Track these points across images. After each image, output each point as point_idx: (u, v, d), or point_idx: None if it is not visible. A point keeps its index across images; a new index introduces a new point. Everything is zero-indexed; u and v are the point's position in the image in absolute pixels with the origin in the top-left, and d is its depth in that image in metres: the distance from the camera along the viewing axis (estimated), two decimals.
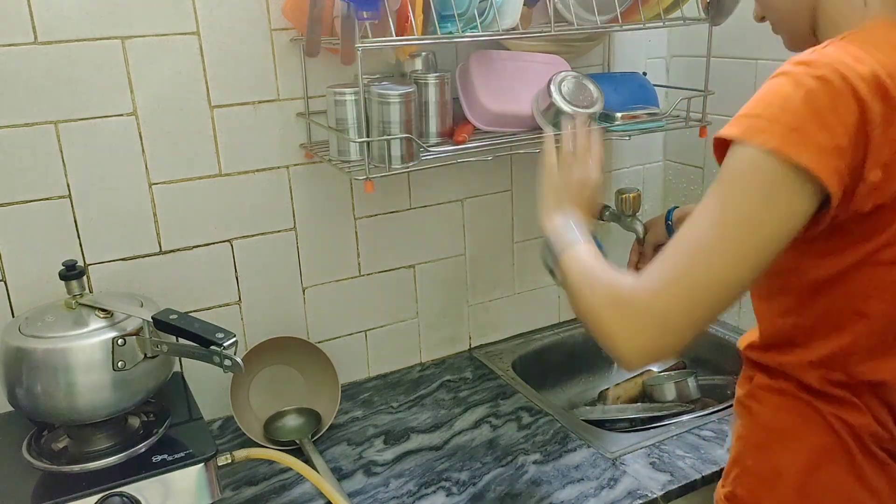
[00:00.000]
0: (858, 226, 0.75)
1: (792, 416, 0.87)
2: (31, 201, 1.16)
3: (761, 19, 0.92)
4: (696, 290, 0.72)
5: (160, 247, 1.26)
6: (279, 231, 1.36)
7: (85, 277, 1.04)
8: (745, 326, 1.60)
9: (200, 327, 0.95)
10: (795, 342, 0.86)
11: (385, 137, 1.14)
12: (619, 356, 0.75)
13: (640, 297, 0.74)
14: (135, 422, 1.08)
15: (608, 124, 1.35)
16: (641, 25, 1.28)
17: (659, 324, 0.73)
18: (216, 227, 1.30)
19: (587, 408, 1.58)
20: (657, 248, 1.35)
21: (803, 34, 0.86)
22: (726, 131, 0.73)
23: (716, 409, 1.36)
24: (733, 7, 1.27)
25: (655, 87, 1.46)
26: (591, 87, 1.33)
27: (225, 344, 0.92)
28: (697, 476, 1.15)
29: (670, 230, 1.28)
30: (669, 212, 1.28)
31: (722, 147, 0.75)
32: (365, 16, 1.02)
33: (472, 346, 1.64)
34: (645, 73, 1.54)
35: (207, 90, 1.23)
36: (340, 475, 1.20)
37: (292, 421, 1.34)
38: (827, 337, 0.83)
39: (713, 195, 0.73)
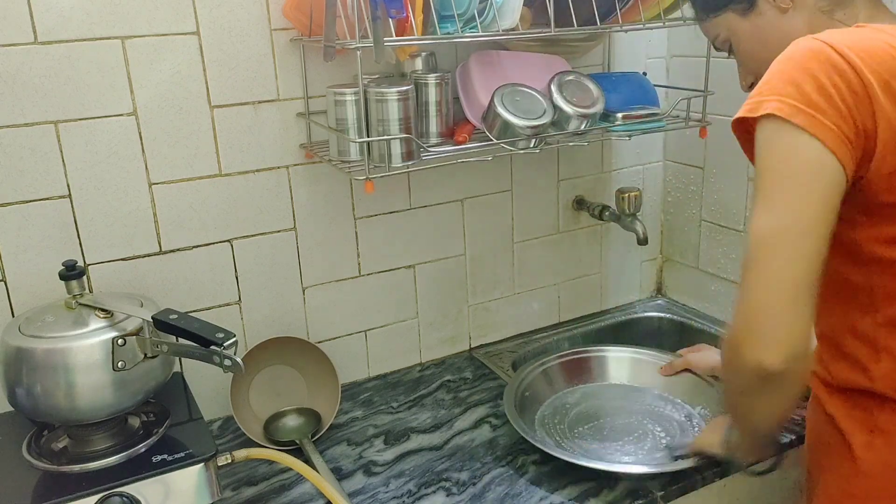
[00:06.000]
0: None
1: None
2: (31, 201, 1.16)
3: (749, 86, 0.95)
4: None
5: (160, 247, 1.26)
6: (279, 231, 1.36)
7: (85, 277, 1.04)
8: None
9: (200, 327, 0.95)
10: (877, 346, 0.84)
11: (385, 137, 1.14)
12: (765, 367, 0.76)
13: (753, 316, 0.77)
14: (135, 422, 1.08)
15: (608, 124, 1.35)
16: (641, 25, 1.28)
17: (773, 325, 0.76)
18: (216, 227, 1.30)
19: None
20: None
21: None
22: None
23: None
24: None
25: (655, 87, 1.46)
26: (592, 87, 1.33)
27: (225, 344, 0.92)
28: (697, 476, 1.15)
29: None
30: None
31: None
32: (394, 13, 1.01)
33: (472, 346, 1.64)
34: (645, 73, 1.54)
35: (207, 90, 1.23)
36: (340, 475, 1.20)
37: (292, 421, 1.34)
38: None
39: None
